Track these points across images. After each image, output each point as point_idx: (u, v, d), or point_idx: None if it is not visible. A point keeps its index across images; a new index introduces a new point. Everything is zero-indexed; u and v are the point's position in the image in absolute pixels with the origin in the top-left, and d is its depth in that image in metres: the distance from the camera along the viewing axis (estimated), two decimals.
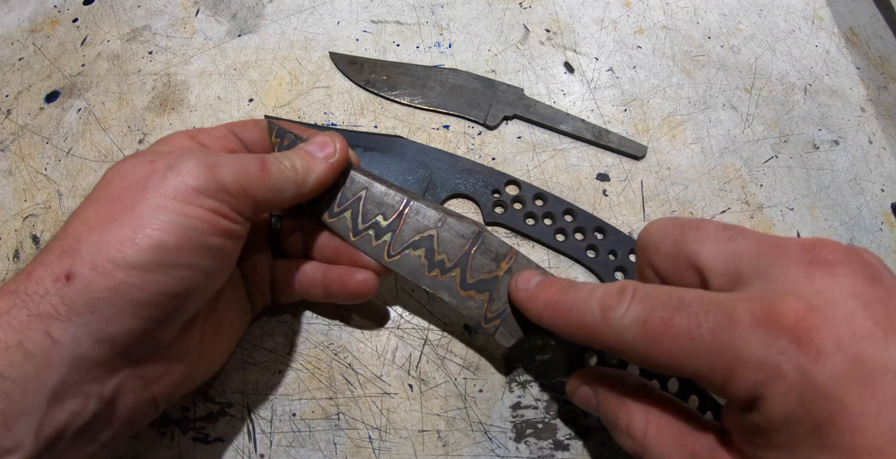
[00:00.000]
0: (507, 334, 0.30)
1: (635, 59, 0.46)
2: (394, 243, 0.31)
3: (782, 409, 0.18)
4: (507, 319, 0.30)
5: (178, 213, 0.23)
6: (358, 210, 0.31)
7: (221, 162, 0.25)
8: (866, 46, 0.48)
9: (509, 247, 0.31)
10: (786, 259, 0.20)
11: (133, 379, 0.24)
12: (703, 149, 0.42)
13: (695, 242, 0.23)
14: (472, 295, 0.30)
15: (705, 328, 0.19)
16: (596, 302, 0.23)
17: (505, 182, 0.39)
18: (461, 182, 0.39)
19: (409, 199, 0.31)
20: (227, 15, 0.47)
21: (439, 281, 0.30)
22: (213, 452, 0.32)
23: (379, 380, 0.34)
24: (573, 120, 0.42)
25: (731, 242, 0.22)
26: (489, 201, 0.38)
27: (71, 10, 0.48)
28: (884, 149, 0.44)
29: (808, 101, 0.45)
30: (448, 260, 0.31)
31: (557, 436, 0.33)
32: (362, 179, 0.31)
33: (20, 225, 0.39)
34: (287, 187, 0.27)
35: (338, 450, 0.32)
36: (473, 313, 0.30)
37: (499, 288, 0.30)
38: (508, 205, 0.38)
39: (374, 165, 0.39)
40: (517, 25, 0.47)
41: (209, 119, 0.42)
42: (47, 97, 0.44)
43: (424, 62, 0.45)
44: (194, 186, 0.23)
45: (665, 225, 0.24)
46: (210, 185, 0.24)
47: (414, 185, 0.38)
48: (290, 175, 0.27)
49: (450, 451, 0.32)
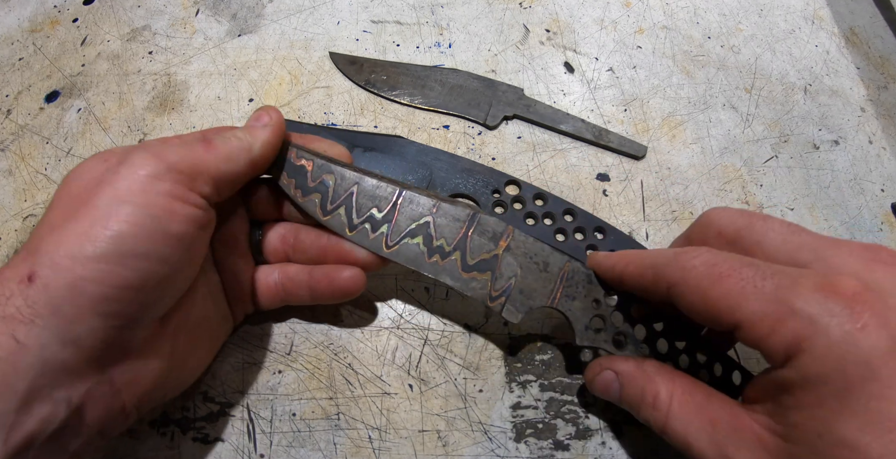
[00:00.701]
0: (513, 310, 0.30)
1: (635, 59, 0.46)
2: (391, 234, 0.31)
3: (818, 366, 0.19)
4: (513, 295, 0.30)
5: (133, 203, 0.23)
6: (351, 205, 0.31)
7: (167, 146, 0.25)
8: (866, 46, 0.48)
9: (505, 225, 0.31)
10: (848, 252, 0.22)
11: (102, 385, 0.23)
12: (703, 149, 0.42)
13: (760, 232, 0.25)
14: (474, 276, 0.31)
15: (769, 281, 0.21)
16: (670, 250, 0.26)
17: (505, 182, 0.39)
18: (461, 182, 0.39)
19: (401, 189, 0.31)
20: (227, 15, 0.47)
21: (440, 266, 0.31)
22: (213, 452, 0.32)
23: (379, 380, 0.34)
24: (573, 120, 0.42)
25: (795, 236, 0.24)
26: (489, 201, 0.38)
27: (71, 10, 0.48)
28: (884, 149, 0.44)
29: (808, 101, 0.45)
30: (447, 244, 0.31)
31: (557, 436, 0.33)
32: (352, 175, 0.31)
33: (20, 225, 0.39)
34: (237, 155, 0.27)
35: (338, 450, 0.32)
36: (478, 293, 0.30)
37: (500, 266, 0.31)
38: (508, 204, 0.38)
39: (374, 165, 0.39)
40: (517, 25, 0.47)
41: (209, 119, 0.42)
42: (47, 97, 0.44)
43: (424, 62, 0.45)
44: (145, 174, 0.23)
45: (732, 213, 0.27)
46: (160, 169, 0.24)
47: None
48: (235, 143, 0.27)
49: (450, 451, 0.32)
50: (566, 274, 0.31)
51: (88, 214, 0.22)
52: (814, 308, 0.20)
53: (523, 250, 0.31)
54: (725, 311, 0.22)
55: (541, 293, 0.31)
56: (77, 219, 0.22)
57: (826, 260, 0.22)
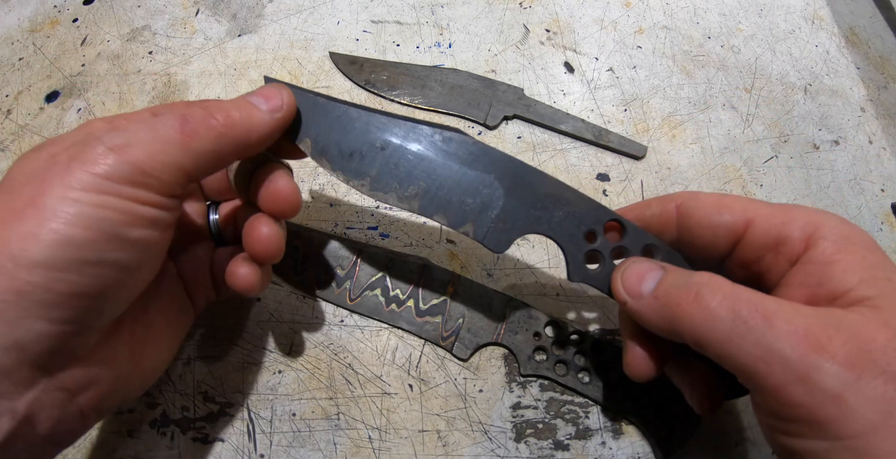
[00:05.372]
0: (462, 347, 0.34)
1: (635, 59, 0.46)
2: (353, 288, 0.35)
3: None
4: (462, 334, 0.34)
5: (86, 204, 0.20)
6: (318, 265, 0.35)
7: (133, 138, 0.21)
8: (866, 46, 0.48)
9: (451, 273, 0.36)
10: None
11: (52, 391, 0.21)
12: (703, 149, 0.42)
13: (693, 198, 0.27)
14: (427, 320, 0.35)
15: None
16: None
17: (606, 221, 0.27)
18: (542, 216, 0.26)
19: (359, 249, 0.36)
20: (227, 15, 0.47)
21: (397, 313, 0.35)
22: (213, 452, 0.32)
23: (379, 380, 0.34)
24: (573, 120, 0.42)
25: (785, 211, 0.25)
26: (579, 251, 0.27)
27: (71, 10, 0.48)
28: (884, 149, 0.44)
29: (808, 101, 0.45)
30: (402, 293, 0.35)
31: (557, 436, 0.33)
32: (319, 236, 0.36)
33: None
34: (224, 146, 0.23)
35: (338, 450, 0.32)
36: (431, 335, 0.34)
37: (448, 309, 0.35)
38: (606, 258, 0.27)
39: (420, 176, 0.26)
40: (517, 25, 0.47)
41: None
42: (47, 97, 0.44)
43: (424, 62, 0.45)
44: (102, 174, 0.20)
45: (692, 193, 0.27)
46: (122, 171, 0.21)
47: (477, 213, 0.26)
48: (224, 130, 0.23)
49: (450, 451, 0.32)
50: (508, 313, 0.35)
51: (34, 214, 0.20)
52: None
53: (469, 294, 0.35)
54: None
55: (487, 331, 0.34)
56: (21, 217, 0.20)
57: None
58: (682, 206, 0.26)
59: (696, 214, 0.25)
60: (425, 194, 0.26)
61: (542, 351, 0.34)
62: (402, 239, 0.38)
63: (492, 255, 0.38)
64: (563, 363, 0.34)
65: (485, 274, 0.37)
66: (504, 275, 0.37)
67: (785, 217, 0.23)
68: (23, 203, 0.20)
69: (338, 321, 0.35)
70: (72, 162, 0.20)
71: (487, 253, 0.38)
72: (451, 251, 0.38)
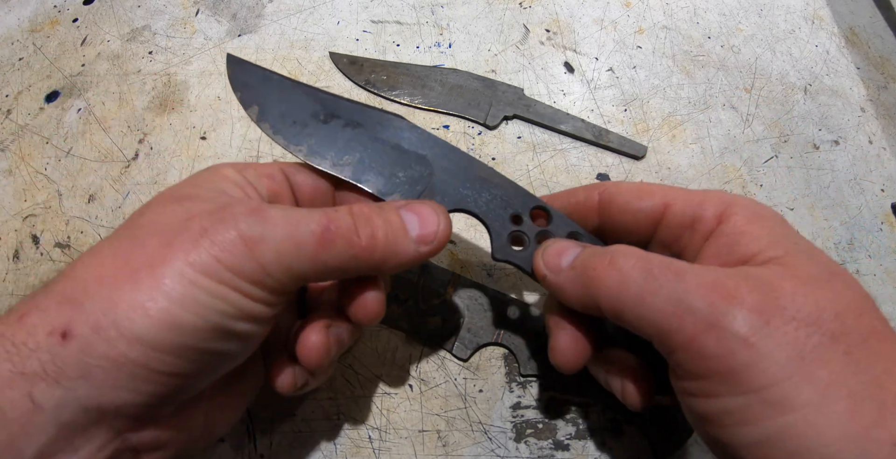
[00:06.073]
0: (462, 347, 0.34)
1: (635, 59, 0.46)
2: None
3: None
4: (462, 335, 0.34)
5: (201, 290, 0.19)
6: None
7: (268, 234, 0.20)
8: (866, 46, 0.48)
9: (451, 273, 0.36)
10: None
11: (124, 452, 0.21)
12: (703, 149, 0.42)
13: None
14: (427, 320, 0.35)
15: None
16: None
17: (532, 207, 0.27)
18: (470, 195, 0.27)
19: None
20: (227, 15, 0.47)
21: (397, 313, 0.35)
22: (213, 452, 0.32)
23: (379, 380, 0.34)
24: (573, 120, 0.42)
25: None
26: (504, 230, 0.27)
27: (71, 10, 0.48)
28: (884, 149, 0.44)
29: (808, 101, 0.45)
30: (402, 294, 0.35)
31: (557, 436, 0.33)
32: None
33: (20, 225, 0.39)
34: (354, 267, 0.22)
35: (338, 450, 0.32)
36: (431, 335, 0.34)
37: (448, 309, 0.35)
38: (530, 241, 0.27)
39: (356, 147, 0.28)
40: (517, 25, 0.47)
41: (209, 119, 0.42)
42: (47, 97, 0.44)
43: (424, 62, 0.45)
44: (228, 265, 0.20)
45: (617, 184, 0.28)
46: (246, 267, 0.20)
47: (404, 186, 0.27)
48: (361, 253, 0.22)
49: (450, 451, 0.32)
50: (508, 313, 0.35)
51: (150, 283, 0.19)
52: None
53: (469, 294, 0.35)
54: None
55: (487, 331, 0.34)
56: (136, 281, 0.19)
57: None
58: (605, 193, 0.27)
59: (618, 200, 0.26)
60: (359, 163, 0.27)
61: (542, 351, 0.34)
62: None
63: None
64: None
65: (485, 274, 0.37)
66: (504, 275, 0.37)
67: (700, 198, 0.24)
68: (142, 263, 0.19)
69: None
70: (202, 237, 0.20)
71: (487, 254, 0.38)
72: (451, 251, 0.38)
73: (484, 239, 0.38)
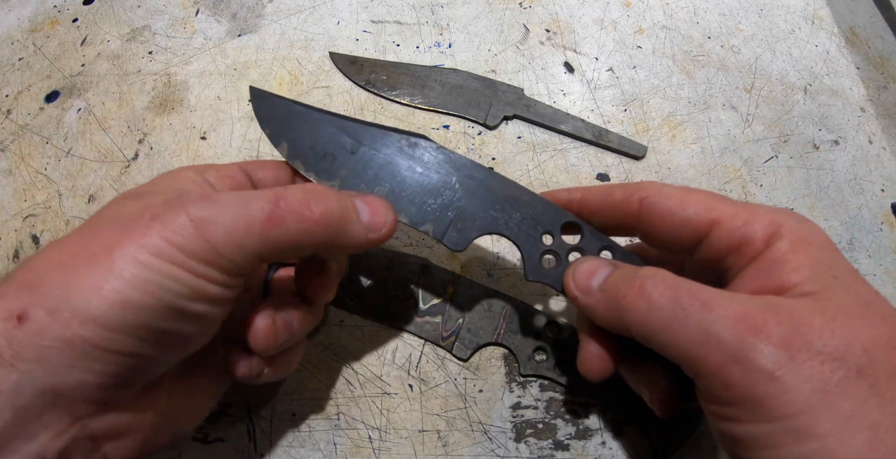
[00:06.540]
0: (462, 347, 0.34)
1: (635, 59, 0.46)
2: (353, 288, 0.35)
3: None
4: (462, 335, 0.35)
5: (153, 271, 0.20)
6: None
7: (218, 215, 0.21)
8: (866, 46, 0.48)
9: (451, 273, 0.36)
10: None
11: (82, 440, 0.20)
12: (703, 149, 0.42)
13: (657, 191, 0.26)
14: (427, 320, 0.35)
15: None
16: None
17: (562, 224, 0.27)
18: (500, 217, 0.27)
19: None
20: (227, 15, 0.47)
21: (397, 313, 0.35)
22: (213, 452, 0.32)
23: (379, 380, 0.34)
24: (573, 120, 0.42)
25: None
26: (536, 250, 0.27)
27: (71, 10, 0.48)
28: (884, 149, 0.44)
29: (808, 101, 0.45)
30: (402, 294, 0.35)
31: (557, 436, 0.33)
32: None
33: (20, 225, 0.39)
34: (306, 242, 0.22)
35: (338, 450, 0.32)
36: (431, 335, 0.35)
37: (448, 309, 0.35)
38: (563, 258, 0.27)
39: (386, 179, 0.27)
40: (517, 25, 0.47)
41: (209, 119, 0.42)
42: (47, 97, 0.44)
43: (424, 62, 0.45)
44: (177, 245, 0.20)
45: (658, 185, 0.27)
46: (196, 247, 0.20)
47: (435, 213, 0.27)
48: (313, 228, 0.22)
49: (450, 451, 0.32)
50: (508, 313, 0.35)
51: (105, 266, 0.19)
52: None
53: (469, 294, 0.35)
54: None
55: (487, 331, 0.35)
56: (93, 265, 0.19)
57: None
58: (647, 201, 0.26)
59: (660, 210, 0.26)
60: (389, 194, 0.27)
61: (542, 351, 0.34)
62: (402, 240, 0.38)
63: (492, 255, 0.38)
64: (563, 363, 0.34)
65: (485, 274, 0.37)
66: (504, 275, 0.37)
67: (748, 217, 0.23)
68: (99, 249, 0.20)
69: (338, 321, 0.35)
70: (153, 221, 0.20)
71: (488, 254, 0.38)
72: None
73: (484, 240, 0.38)
